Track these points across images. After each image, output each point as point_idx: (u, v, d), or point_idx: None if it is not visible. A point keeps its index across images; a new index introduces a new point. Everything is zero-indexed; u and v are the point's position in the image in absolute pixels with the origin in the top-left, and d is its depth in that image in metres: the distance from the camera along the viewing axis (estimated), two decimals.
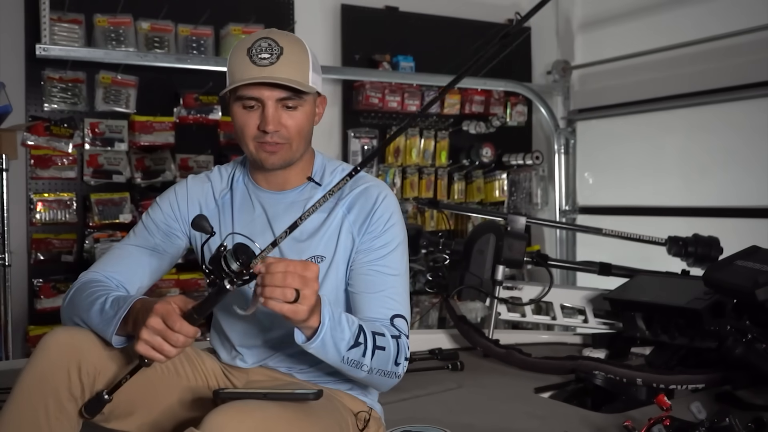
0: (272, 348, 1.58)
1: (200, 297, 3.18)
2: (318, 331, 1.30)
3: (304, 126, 1.51)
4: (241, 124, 1.49)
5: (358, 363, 1.38)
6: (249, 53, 1.45)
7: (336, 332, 1.33)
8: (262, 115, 1.46)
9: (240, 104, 1.48)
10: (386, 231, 1.53)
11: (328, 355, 1.35)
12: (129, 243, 1.61)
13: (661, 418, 1.68)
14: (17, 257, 3.29)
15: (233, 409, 1.23)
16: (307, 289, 1.24)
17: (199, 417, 1.51)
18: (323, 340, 1.32)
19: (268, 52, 1.45)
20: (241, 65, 1.46)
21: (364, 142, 4.27)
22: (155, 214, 1.62)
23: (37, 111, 3.44)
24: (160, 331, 1.27)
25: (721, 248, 3.03)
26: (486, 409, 2.20)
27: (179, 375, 1.51)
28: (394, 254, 1.53)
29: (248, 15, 3.84)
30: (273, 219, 1.56)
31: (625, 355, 2.74)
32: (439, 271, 3.12)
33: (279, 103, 1.47)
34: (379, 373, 1.42)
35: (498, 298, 2.96)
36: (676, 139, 4.24)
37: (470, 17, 4.65)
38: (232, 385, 1.59)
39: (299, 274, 1.23)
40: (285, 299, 1.22)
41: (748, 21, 3.67)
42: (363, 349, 1.37)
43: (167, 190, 1.66)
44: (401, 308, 1.51)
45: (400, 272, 1.54)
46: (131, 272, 1.56)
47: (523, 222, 3.01)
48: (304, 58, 1.49)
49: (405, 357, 1.47)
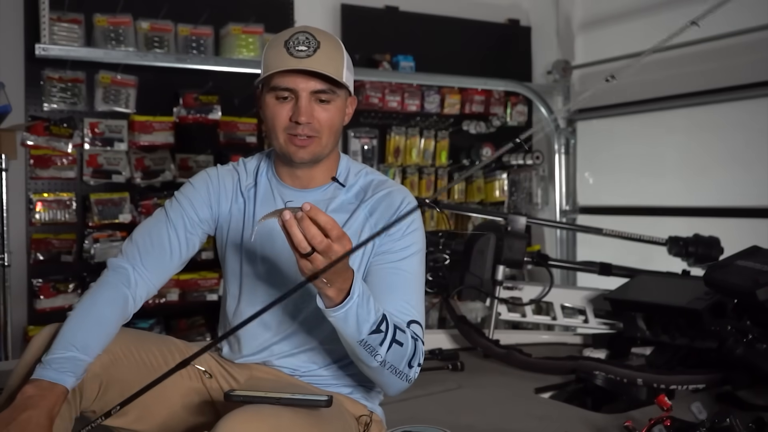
0: (277, 346, 1.57)
1: (200, 296, 3.21)
2: (345, 301, 1.27)
3: (336, 122, 1.51)
4: (272, 115, 1.49)
5: (373, 350, 1.34)
6: (286, 45, 1.46)
7: (362, 310, 1.30)
8: (295, 106, 1.47)
9: (273, 95, 1.48)
10: (407, 235, 1.51)
11: (348, 330, 1.31)
12: (161, 222, 1.57)
13: (661, 418, 1.67)
14: (17, 257, 3.28)
15: (247, 414, 1.22)
16: (325, 257, 1.20)
17: (202, 421, 1.52)
18: (346, 313, 1.29)
19: (305, 45, 1.45)
20: (278, 56, 1.46)
21: (364, 142, 4.27)
22: (191, 193, 1.59)
23: (36, 111, 3.44)
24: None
25: (721, 248, 3.03)
26: (486, 409, 2.19)
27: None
28: (412, 259, 1.51)
29: (248, 15, 3.83)
30: None
31: (626, 356, 2.73)
32: (439, 271, 3.11)
33: (313, 96, 1.47)
34: (391, 369, 1.39)
35: (498, 298, 2.95)
36: (676, 139, 4.24)
37: (470, 17, 4.66)
38: (234, 380, 1.58)
39: (332, 241, 1.19)
40: (299, 248, 1.20)
41: (748, 21, 3.67)
42: (382, 338, 1.34)
43: (199, 174, 1.63)
44: (417, 314, 1.49)
45: (418, 277, 1.52)
46: (159, 262, 1.54)
47: (524, 222, 3.01)
48: (340, 54, 1.50)
49: (419, 362, 1.44)
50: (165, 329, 3.65)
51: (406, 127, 4.40)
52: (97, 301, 1.46)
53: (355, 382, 1.58)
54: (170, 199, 1.61)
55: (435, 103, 4.45)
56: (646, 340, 2.65)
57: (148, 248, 1.54)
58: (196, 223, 1.58)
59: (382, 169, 4.30)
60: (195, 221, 1.58)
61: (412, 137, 4.40)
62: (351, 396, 1.57)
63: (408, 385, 1.45)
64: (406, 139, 4.38)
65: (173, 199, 1.60)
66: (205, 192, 1.59)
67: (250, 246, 1.57)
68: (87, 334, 1.40)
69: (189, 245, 1.57)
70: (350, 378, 1.58)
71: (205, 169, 1.64)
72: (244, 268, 1.59)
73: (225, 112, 3.79)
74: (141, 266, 1.52)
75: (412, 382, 1.45)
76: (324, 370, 1.56)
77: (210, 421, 1.26)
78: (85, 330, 1.40)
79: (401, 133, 4.38)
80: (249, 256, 1.58)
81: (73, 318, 1.42)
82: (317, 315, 1.39)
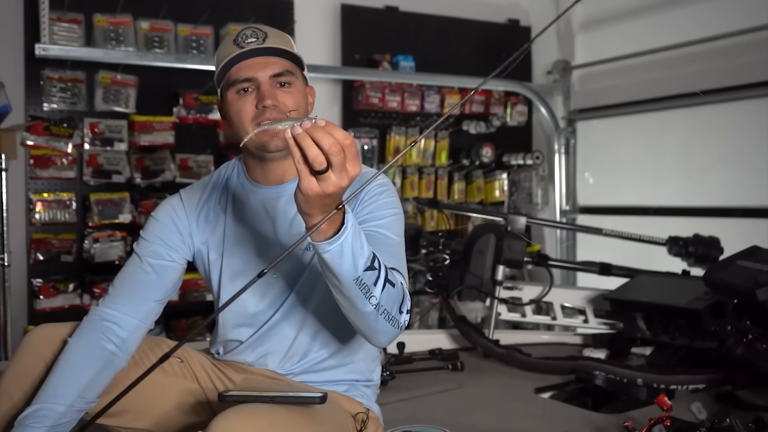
0: (269, 346, 1.57)
1: (200, 296, 3.20)
2: (339, 232, 1.18)
3: (301, 104, 1.50)
4: (237, 109, 1.47)
5: (368, 291, 1.26)
6: (235, 41, 1.47)
7: (356, 243, 1.21)
8: (258, 94, 1.46)
9: (234, 90, 1.47)
10: (380, 200, 1.47)
11: (344, 267, 1.21)
12: (134, 262, 1.56)
13: (661, 418, 1.67)
14: (17, 257, 3.28)
15: (241, 412, 1.22)
16: (337, 176, 1.11)
17: (196, 421, 1.52)
18: (342, 246, 1.18)
19: (253, 36, 1.47)
20: (229, 52, 1.46)
21: (364, 142, 4.27)
22: (155, 227, 1.58)
23: (36, 111, 3.44)
24: None
25: (721, 248, 3.03)
26: (486, 410, 2.19)
27: (165, 371, 1.51)
28: (389, 220, 1.46)
29: (248, 15, 3.83)
30: (271, 213, 1.54)
31: (626, 356, 2.73)
32: (439, 271, 3.11)
33: (273, 80, 1.46)
34: (384, 315, 1.30)
35: (498, 298, 2.95)
36: (676, 139, 4.24)
37: (470, 17, 4.66)
38: (229, 380, 1.58)
39: (347, 157, 1.11)
40: (312, 162, 1.09)
41: (748, 21, 3.66)
42: (376, 276, 1.26)
43: (161, 206, 1.61)
44: (401, 269, 1.42)
45: (398, 238, 1.47)
46: (137, 299, 1.52)
47: (524, 222, 3.01)
48: (289, 41, 1.52)
49: (407, 309, 1.37)
50: (165, 329, 3.65)
51: (406, 127, 4.40)
52: (67, 351, 1.45)
53: (351, 380, 1.58)
54: (137, 240, 1.60)
55: (435, 103, 4.45)
56: (646, 340, 2.65)
57: (125, 288, 1.53)
58: (168, 252, 1.56)
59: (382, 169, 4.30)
60: (166, 251, 1.56)
61: (412, 137, 4.40)
62: (347, 394, 1.57)
63: (399, 333, 1.38)
64: (406, 139, 4.38)
65: (140, 238, 1.59)
66: (170, 222, 1.58)
67: (230, 255, 1.57)
68: (56, 383, 1.40)
69: (168, 275, 1.55)
70: (346, 376, 1.58)
71: (167, 199, 1.63)
72: (224, 275, 1.58)
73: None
74: (119, 305, 1.50)
75: (403, 329, 1.39)
76: (319, 368, 1.56)
77: (205, 421, 1.25)
78: (54, 379, 1.40)
79: (401, 133, 4.38)
80: (229, 264, 1.57)
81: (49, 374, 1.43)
82: (306, 305, 1.42)
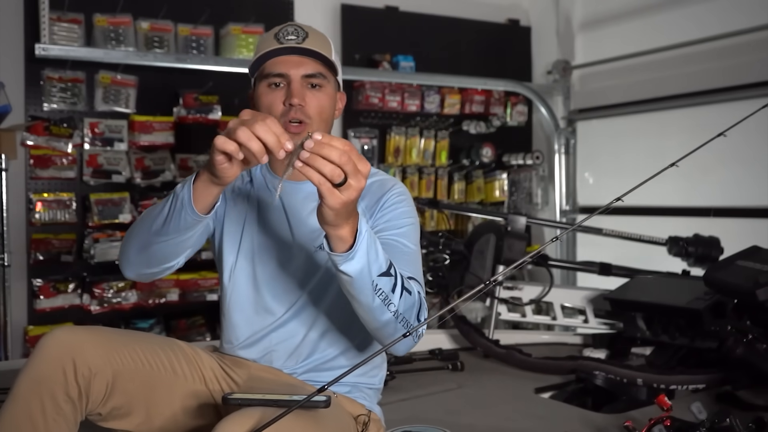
0: (276, 342, 1.57)
1: (200, 296, 3.21)
2: (356, 240, 1.21)
3: (326, 108, 1.53)
4: (268, 103, 1.51)
5: (387, 298, 1.28)
6: (276, 36, 1.52)
7: (371, 249, 1.24)
8: (287, 90, 1.50)
9: (266, 83, 1.52)
10: (399, 210, 1.51)
11: (362, 275, 1.25)
12: None
13: (661, 418, 1.67)
14: (17, 257, 3.29)
15: (243, 417, 1.21)
16: (354, 181, 1.14)
17: (202, 424, 1.51)
18: (357, 252, 1.22)
19: (294, 34, 1.51)
20: (269, 45, 1.51)
21: (364, 142, 4.27)
22: None
23: (36, 111, 3.44)
24: (245, 121, 1.18)
25: (721, 248, 3.03)
26: (486, 410, 2.19)
27: (176, 373, 1.50)
28: (407, 230, 1.50)
29: (248, 15, 3.83)
30: (289, 209, 1.58)
31: (626, 356, 2.74)
32: (439, 271, 3.12)
33: (304, 80, 1.50)
34: (404, 322, 1.33)
35: (498, 299, 2.95)
36: (676, 139, 4.23)
37: (470, 17, 4.66)
38: (233, 381, 1.58)
39: (355, 161, 1.14)
40: (331, 178, 1.12)
41: (747, 21, 3.66)
42: (393, 283, 1.28)
43: None
44: (418, 277, 1.45)
45: (415, 247, 1.50)
46: None
47: (524, 222, 3.01)
48: (328, 44, 1.56)
49: (424, 316, 1.39)
50: (165, 329, 3.65)
51: (406, 127, 4.40)
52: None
53: (353, 381, 1.58)
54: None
55: (435, 103, 4.45)
56: (646, 340, 2.65)
57: None
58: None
59: (382, 169, 4.29)
60: None
61: (412, 137, 4.40)
62: (349, 395, 1.57)
63: (417, 341, 1.39)
64: (406, 139, 4.38)
65: None
66: None
67: (247, 241, 1.59)
68: None
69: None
70: (350, 377, 1.57)
71: None
72: (240, 255, 1.60)
73: (225, 112, 3.79)
74: None
75: (421, 337, 1.41)
76: (325, 366, 1.56)
77: (211, 424, 1.25)
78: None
79: (401, 133, 4.38)
80: (245, 251, 1.60)
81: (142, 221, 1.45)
82: (316, 302, 1.44)
